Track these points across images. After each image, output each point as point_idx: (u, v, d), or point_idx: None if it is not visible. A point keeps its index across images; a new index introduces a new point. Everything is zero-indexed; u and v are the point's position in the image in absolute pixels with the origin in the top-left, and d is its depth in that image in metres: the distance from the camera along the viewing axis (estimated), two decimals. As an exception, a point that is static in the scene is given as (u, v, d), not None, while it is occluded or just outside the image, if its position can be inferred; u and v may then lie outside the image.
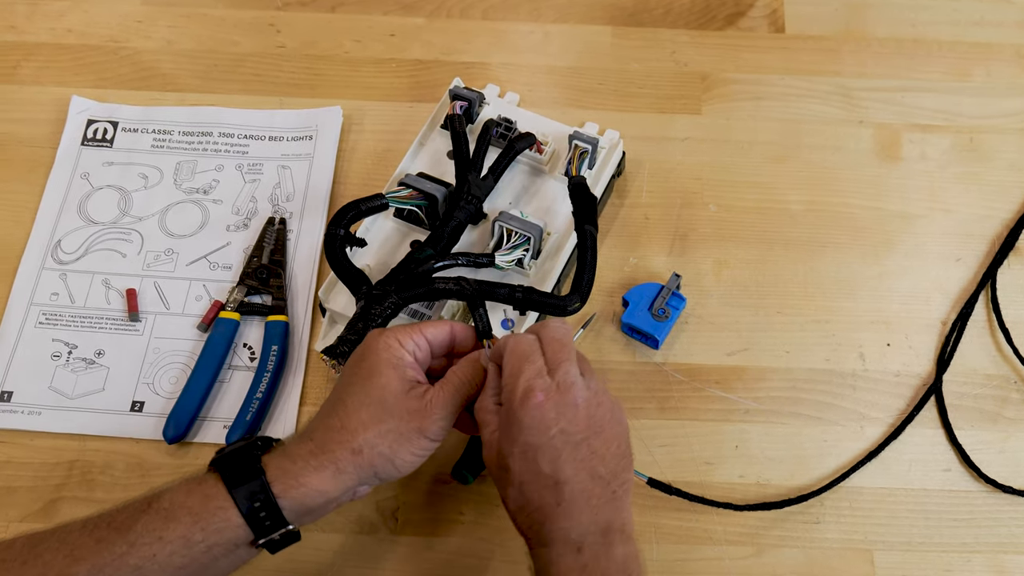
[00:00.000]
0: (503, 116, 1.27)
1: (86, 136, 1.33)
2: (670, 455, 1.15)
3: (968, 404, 1.18)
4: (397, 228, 1.22)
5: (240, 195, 1.29)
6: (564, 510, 0.89)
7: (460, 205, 1.17)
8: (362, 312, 1.08)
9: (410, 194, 1.18)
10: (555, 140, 1.26)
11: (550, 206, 1.24)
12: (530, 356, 0.94)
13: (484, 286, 1.09)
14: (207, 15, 1.45)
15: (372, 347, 0.97)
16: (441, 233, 1.16)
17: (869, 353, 1.21)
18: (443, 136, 1.28)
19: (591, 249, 1.14)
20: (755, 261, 1.26)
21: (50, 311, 1.21)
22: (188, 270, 1.24)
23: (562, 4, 1.46)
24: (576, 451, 0.90)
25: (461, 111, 1.25)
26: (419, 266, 1.12)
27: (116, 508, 0.91)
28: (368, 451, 0.93)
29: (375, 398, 0.94)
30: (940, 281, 1.26)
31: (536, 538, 0.91)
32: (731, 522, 1.11)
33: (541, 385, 0.91)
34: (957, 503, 1.13)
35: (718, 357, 1.20)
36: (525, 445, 0.90)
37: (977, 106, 1.37)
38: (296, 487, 0.91)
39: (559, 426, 0.90)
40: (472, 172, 1.19)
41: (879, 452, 1.15)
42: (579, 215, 1.16)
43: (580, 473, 0.90)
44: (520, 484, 0.91)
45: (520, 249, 1.16)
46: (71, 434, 1.15)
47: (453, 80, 1.30)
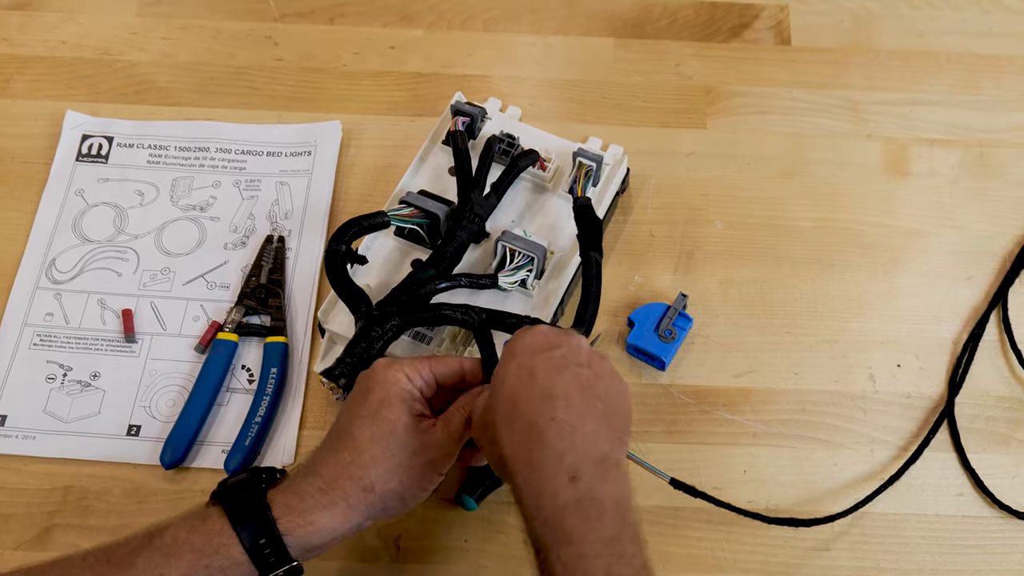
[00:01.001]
0: (505, 132, 1.24)
1: (81, 152, 1.31)
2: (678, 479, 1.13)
3: (980, 427, 1.17)
4: (398, 247, 1.20)
5: (238, 212, 1.27)
6: (558, 427, 0.85)
7: (463, 224, 1.15)
8: (362, 333, 1.06)
9: (411, 212, 1.16)
10: (558, 156, 1.24)
11: (553, 224, 1.22)
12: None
13: (490, 316, 1.07)
14: (203, 27, 1.43)
15: (381, 379, 0.95)
16: (443, 253, 1.14)
17: (879, 374, 1.19)
18: (444, 151, 1.26)
19: (596, 278, 1.12)
20: (762, 279, 1.24)
21: (44, 332, 1.19)
22: (185, 290, 1.22)
23: (564, 16, 1.44)
24: (576, 379, 0.88)
25: (463, 127, 1.23)
26: (421, 287, 1.10)
27: (116, 542, 0.88)
28: (380, 487, 0.91)
29: (385, 432, 0.92)
30: (951, 300, 1.24)
31: (524, 462, 0.85)
32: (740, 548, 1.09)
33: (547, 327, 0.94)
34: (970, 529, 1.11)
35: (725, 379, 1.19)
36: (523, 359, 0.90)
37: (987, 120, 1.35)
38: (304, 525, 0.89)
39: (561, 351, 0.90)
40: (475, 190, 1.17)
41: (896, 480, 1.12)
42: (584, 240, 1.14)
43: (575, 395, 0.87)
44: (512, 397, 0.88)
45: (523, 270, 1.14)
46: (66, 459, 1.13)
47: (455, 94, 1.28)
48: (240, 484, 0.91)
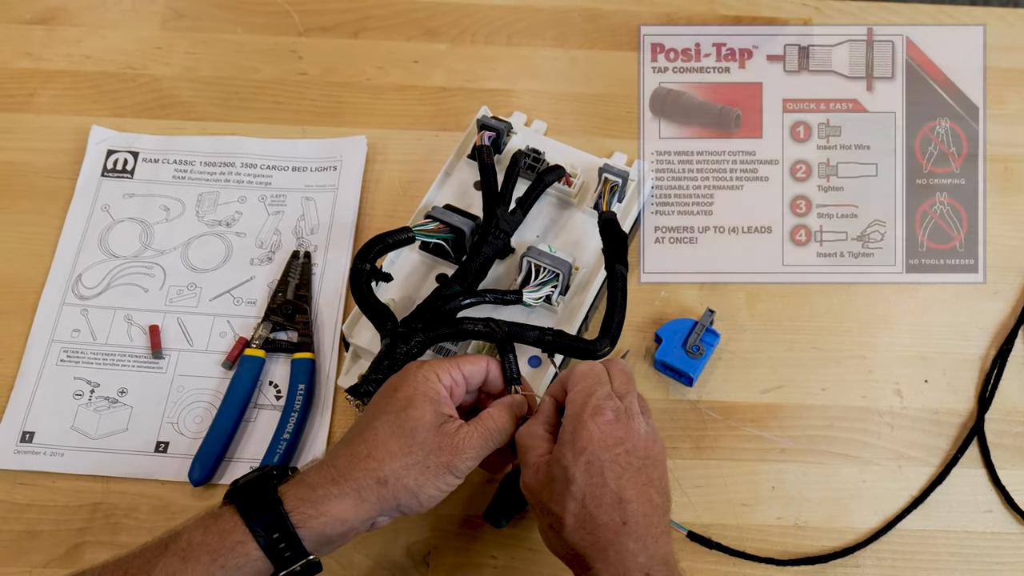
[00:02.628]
0: (531, 147, 1.24)
1: (106, 167, 1.31)
2: (705, 496, 1.13)
3: (1009, 443, 1.16)
4: (423, 261, 1.20)
5: (264, 227, 1.27)
6: (630, 530, 0.89)
7: (488, 240, 1.15)
8: (387, 350, 1.06)
9: (437, 227, 1.16)
10: (584, 171, 1.24)
11: (578, 240, 1.22)
12: (601, 379, 0.96)
13: (513, 328, 1.07)
14: (227, 41, 1.42)
15: (410, 379, 0.96)
16: (468, 269, 1.13)
17: (906, 390, 1.19)
18: (469, 166, 1.26)
19: (621, 290, 1.12)
20: (789, 294, 1.24)
21: (71, 348, 1.19)
22: (212, 305, 1.22)
23: (588, 30, 1.44)
24: (638, 475, 0.91)
25: (489, 141, 1.23)
26: (446, 303, 1.10)
27: (133, 552, 0.89)
28: (394, 482, 0.92)
29: (407, 430, 0.93)
30: (977, 315, 1.24)
31: (600, 559, 0.89)
32: (772, 569, 1.09)
33: (611, 406, 0.93)
34: (1000, 546, 1.11)
35: (753, 394, 1.18)
36: (592, 456, 0.90)
37: (1011, 134, 1.35)
38: (316, 516, 0.89)
39: (624, 446, 0.92)
40: (500, 206, 1.17)
41: (925, 498, 1.12)
42: (609, 253, 1.14)
43: (641, 496, 0.91)
44: (583, 497, 0.90)
45: (549, 286, 1.14)
46: (94, 476, 1.13)
47: (480, 109, 1.28)
48: (251, 482, 0.92)
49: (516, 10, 1.45)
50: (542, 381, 1.12)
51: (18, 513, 1.11)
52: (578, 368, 0.98)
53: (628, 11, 1.45)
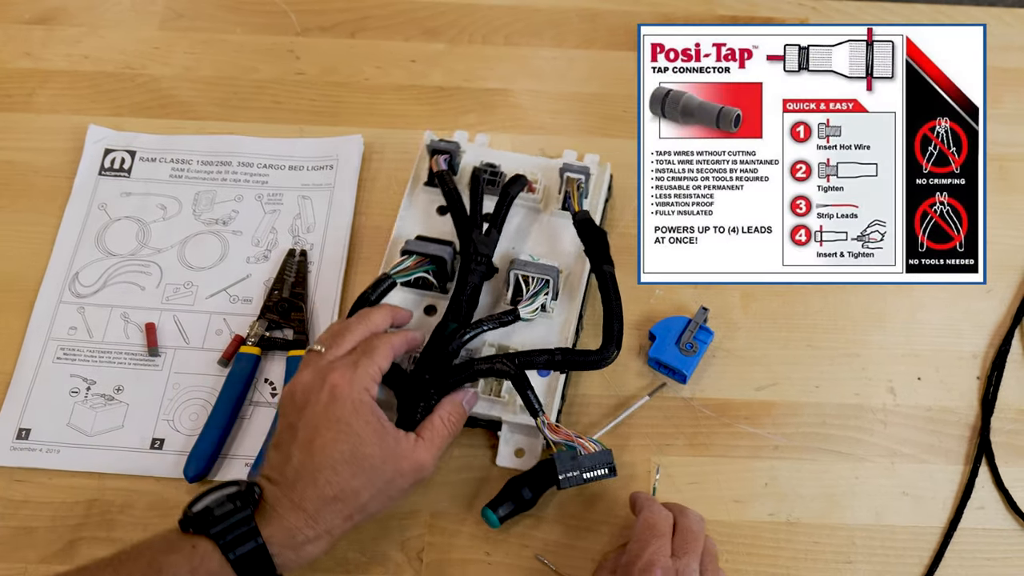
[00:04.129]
0: (485, 162, 1.25)
1: (103, 166, 1.31)
2: (699, 493, 1.13)
3: (1003, 440, 1.17)
4: (408, 297, 1.20)
5: (260, 226, 1.28)
6: None
7: (471, 268, 1.16)
8: (404, 410, 1.08)
9: (416, 262, 1.16)
10: (543, 175, 1.26)
11: (553, 243, 1.23)
12: (662, 532, 0.97)
13: (524, 360, 1.08)
14: (225, 41, 1.43)
15: (341, 398, 0.99)
16: (460, 302, 1.14)
17: (900, 387, 1.19)
18: (427, 192, 1.26)
19: (614, 291, 1.13)
20: (784, 293, 1.25)
21: (68, 346, 1.20)
22: (208, 303, 1.23)
23: (586, 30, 1.45)
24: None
25: (446, 165, 1.24)
26: (448, 343, 1.11)
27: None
28: (360, 515, 0.97)
29: (366, 467, 0.97)
30: (971, 313, 1.24)
31: None
32: (762, 560, 1.10)
33: (663, 563, 0.94)
34: (992, 541, 1.12)
35: (747, 392, 1.19)
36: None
37: (1007, 133, 1.35)
38: (295, 559, 0.94)
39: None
40: (474, 230, 1.18)
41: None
42: (593, 255, 1.16)
43: None
44: None
45: (541, 295, 1.15)
46: (90, 472, 1.13)
47: (424, 135, 1.29)
48: (231, 523, 0.92)
49: (514, 10, 1.46)
50: (555, 389, 1.14)
51: (14, 509, 1.11)
52: (644, 514, 0.99)
53: (626, 11, 1.46)
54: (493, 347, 1.15)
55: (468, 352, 1.14)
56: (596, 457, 1.05)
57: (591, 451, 1.05)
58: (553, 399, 1.13)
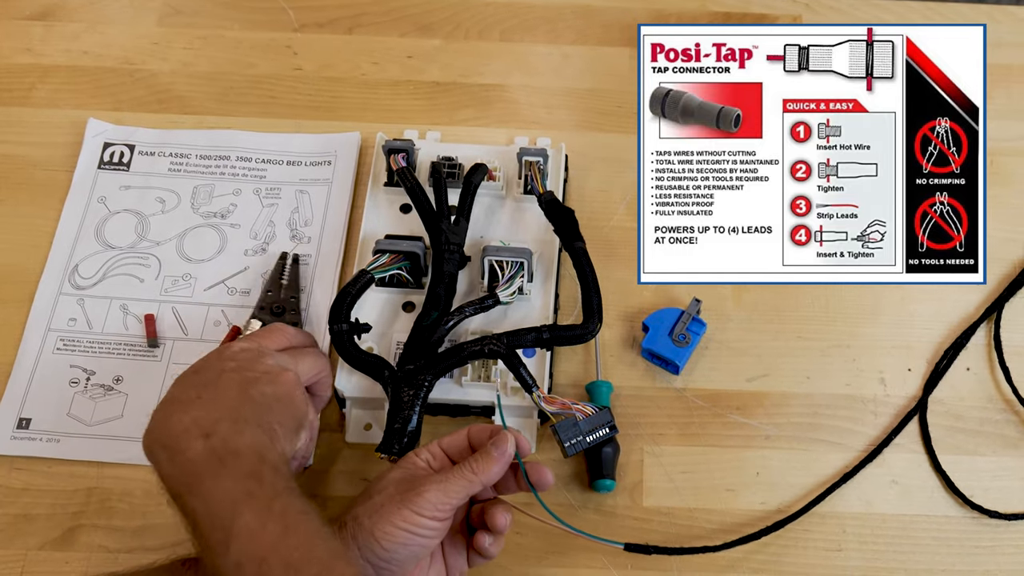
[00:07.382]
0: (441, 156, 1.27)
1: (103, 159, 1.32)
2: (691, 482, 1.14)
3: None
4: (385, 296, 1.22)
5: (258, 219, 1.29)
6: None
7: (445, 258, 1.17)
8: (396, 400, 1.09)
9: (391, 259, 1.18)
10: (501, 162, 1.27)
11: (521, 226, 1.25)
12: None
13: (512, 339, 1.10)
14: (223, 37, 1.44)
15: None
16: (437, 293, 1.15)
17: (890, 378, 1.21)
18: (387, 192, 1.28)
19: (588, 267, 1.15)
20: (778, 287, 1.25)
21: (68, 337, 1.21)
22: (206, 295, 1.24)
23: (580, 26, 1.46)
24: None
25: (405, 163, 1.24)
26: (432, 333, 1.12)
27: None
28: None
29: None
30: (962, 305, 1.25)
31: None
32: (750, 548, 1.11)
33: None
34: (978, 531, 1.13)
35: (739, 383, 1.20)
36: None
37: (996, 128, 1.35)
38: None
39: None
40: (443, 220, 1.19)
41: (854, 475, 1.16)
42: (563, 234, 1.18)
43: None
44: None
45: (517, 278, 1.17)
46: (89, 461, 1.15)
47: (376, 136, 1.30)
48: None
49: (509, 6, 1.47)
50: (543, 366, 1.16)
51: (14, 497, 1.12)
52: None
53: (620, 7, 1.47)
54: (476, 335, 1.16)
55: (451, 342, 1.15)
56: (595, 419, 1.07)
57: (589, 414, 1.07)
58: (543, 374, 1.15)
